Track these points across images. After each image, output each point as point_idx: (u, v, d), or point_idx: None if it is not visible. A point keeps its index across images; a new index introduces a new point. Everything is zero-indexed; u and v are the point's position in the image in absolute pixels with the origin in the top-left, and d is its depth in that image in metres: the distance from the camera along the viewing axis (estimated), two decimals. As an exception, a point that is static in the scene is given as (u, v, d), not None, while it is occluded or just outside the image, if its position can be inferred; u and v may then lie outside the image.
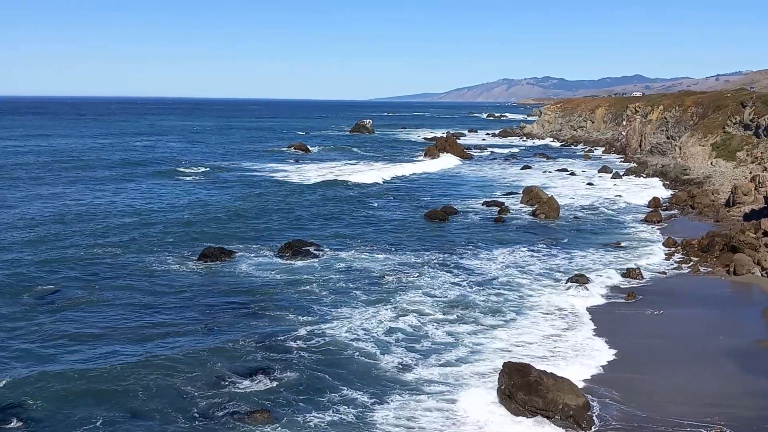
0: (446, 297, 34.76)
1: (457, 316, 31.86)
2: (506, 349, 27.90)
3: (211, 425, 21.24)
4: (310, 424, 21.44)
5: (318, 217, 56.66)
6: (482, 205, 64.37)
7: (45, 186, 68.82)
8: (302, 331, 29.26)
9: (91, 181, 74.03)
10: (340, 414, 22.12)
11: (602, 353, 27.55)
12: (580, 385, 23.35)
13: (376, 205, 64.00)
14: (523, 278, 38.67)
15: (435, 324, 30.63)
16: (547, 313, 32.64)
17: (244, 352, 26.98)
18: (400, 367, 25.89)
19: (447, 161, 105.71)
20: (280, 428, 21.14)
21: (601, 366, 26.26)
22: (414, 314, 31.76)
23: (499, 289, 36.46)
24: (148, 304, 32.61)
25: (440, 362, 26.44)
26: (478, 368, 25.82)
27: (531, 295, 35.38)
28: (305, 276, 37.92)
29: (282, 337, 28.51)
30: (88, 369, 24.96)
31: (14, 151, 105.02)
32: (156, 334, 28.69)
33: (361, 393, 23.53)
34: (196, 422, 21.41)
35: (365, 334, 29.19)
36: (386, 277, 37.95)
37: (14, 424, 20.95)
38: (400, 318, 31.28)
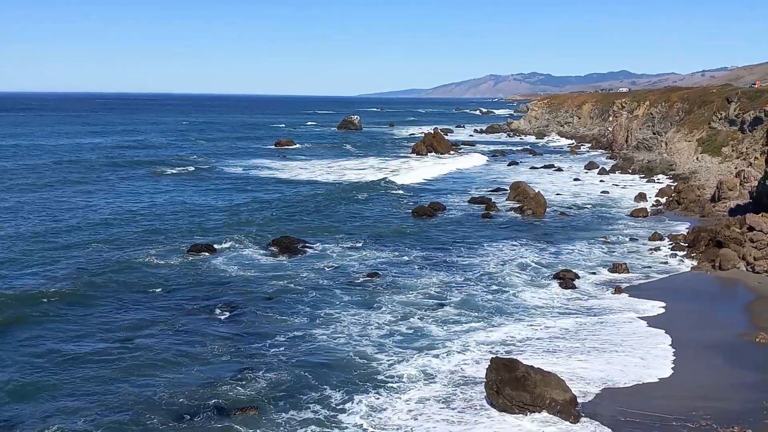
0: (434, 294, 34.83)
1: (444, 313, 31.89)
2: (493, 341, 27.95)
3: (198, 422, 21.18)
4: (298, 420, 21.43)
5: (305, 213, 56.54)
6: (469, 201, 64.46)
7: (28, 184, 68.33)
8: (289, 329, 29.32)
9: (76, 178, 73.54)
10: (328, 411, 22.13)
11: (588, 348, 27.70)
12: (567, 379, 23.46)
13: (363, 200, 63.97)
14: (510, 274, 38.78)
15: (424, 321, 30.60)
16: (534, 309, 32.76)
17: (231, 349, 26.98)
18: (388, 365, 25.77)
19: (475, 159, 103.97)
20: (267, 425, 21.12)
21: (588, 360, 26.40)
22: (402, 312, 31.75)
23: (485, 285, 36.57)
24: (132, 301, 32.45)
25: (427, 358, 26.38)
26: (464, 364, 25.86)
27: (518, 292, 35.50)
28: (293, 273, 37.87)
29: (269, 335, 28.54)
30: (72, 366, 24.91)
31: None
32: (142, 331, 28.60)
33: (349, 392, 23.38)
34: (184, 419, 21.35)
35: (352, 332, 29.20)
36: (373, 274, 37.93)
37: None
38: (388, 316, 31.31)
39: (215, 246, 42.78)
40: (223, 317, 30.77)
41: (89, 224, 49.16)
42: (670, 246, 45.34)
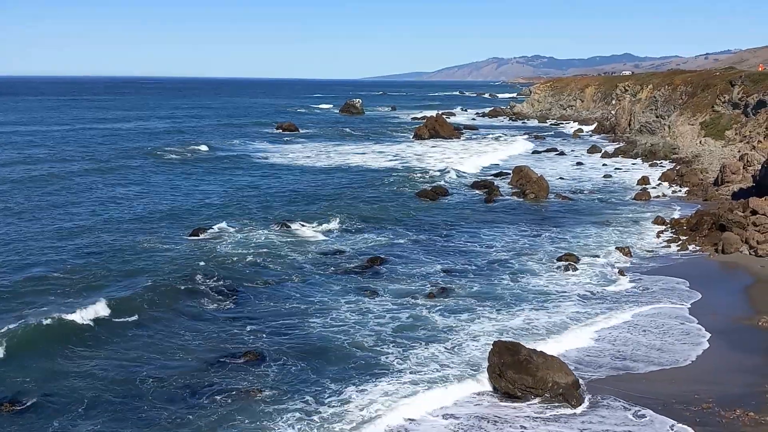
0: (435, 281, 34.71)
1: (446, 299, 31.78)
2: (496, 330, 28.00)
3: (203, 404, 21.29)
4: (302, 403, 21.50)
5: (306, 197, 56.45)
6: (472, 184, 64.37)
7: (29, 167, 68.27)
8: (286, 316, 29.30)
9: (78, 164, 73.47)
10: (329, 396, 22.19)
11: (588, 331, 27.75)
12: (569, 363, 23.53)
13: (367, 184, 63.83)
14: (513, 259, 38.77)
15: (426, 309, 30.36)
16: (536, 293, 32.76)
17: (232, 332, 27.04)
18: (388, 354, 25.56)
19: (519, 146, 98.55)
20: (271, 406, 21.18)
21: (590, 345, 26.46)
22: (402, 300, 31.54)
23: (488, 271, 36.53)
24: (130, 285, 32.12)
25: (426, 346, 26.26)
26: (465, 351, 25.90)
27: (521, 276, 35.47)
28: (293, 257, 37.78)
29: (266, 322, 28.50)
30: (76, 351, 25.01)
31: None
32: (137, 316, 28.54)
33: (346, 382, 23.10)
34: (174, 403, 21.48)
35: (351, 320, 29.09)
36: (375, 259, 37.77)
37: (3, 404, 20.91)
38: (389, 304, 31.18)
39: (217, 229, 42.78)
40: (220, 302, 30.63)
41: (90, 208, 49.19)
42: (673, 230, 45.28)
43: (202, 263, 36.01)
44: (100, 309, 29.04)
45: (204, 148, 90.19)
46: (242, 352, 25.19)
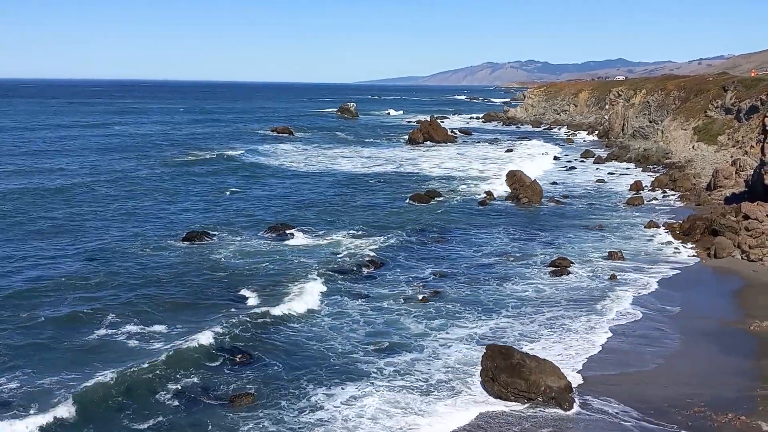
0: (429, 285, 34.69)
1: (437, 303, 31.62)
2: (486, 334, 28.01)
3: (195, 409, 21.22)
4: (294, 408, 21.41)
5: (301, 201, 56.42)
6: (466, 188, 64.43)
7: (23, 173, 68.04)
8: (279, 317, 29.18)
9: (74, 168, 73.26)
10: (320, 402, 22.03)
11: (582, 335, 27.79)
12: (561, 367, 23.54)
13: (361, 187, 63.88)
14: (505, 263, 38.76)
15: (416, 313, 30.20)
16: (527, 299, 32.75)
17: (224, 336, 26.81)
18: (377, 357, 25.45)
19: (543, 161, 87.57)
20: (264, 411, 21.11)
21: (582, 349, 26.48)
22: (394, 303, 31.45)
23: (479, 275, 36.39)
24: (122, 291, 31.90)
25: (421, 349, 26.28)
26: (460, 354, 25.90)
27: (512, 281, 35.38)
28: (284, 261, 37.45)
29: (260, 322, 28.35)
30: (69, 350, 24.90)
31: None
32: (136, 316, 28.45)
33: (332, 383, 22.99)
34: (181, 406, 21.40)
35: (341, 321, 29.07)
36: (366, 264, 37.56)
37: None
38: (379, 306, 31.10)
39: (209, 234, 42.60)
40: (214, 303, 30.48)
41: (80, 213, 48.96)
42: (666, 234, 45.42)
43: (194, 268, 35.87)
44: (87, 314, 28.95)
45: (199, 151, 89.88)
46: (229, 356, 24.97)
